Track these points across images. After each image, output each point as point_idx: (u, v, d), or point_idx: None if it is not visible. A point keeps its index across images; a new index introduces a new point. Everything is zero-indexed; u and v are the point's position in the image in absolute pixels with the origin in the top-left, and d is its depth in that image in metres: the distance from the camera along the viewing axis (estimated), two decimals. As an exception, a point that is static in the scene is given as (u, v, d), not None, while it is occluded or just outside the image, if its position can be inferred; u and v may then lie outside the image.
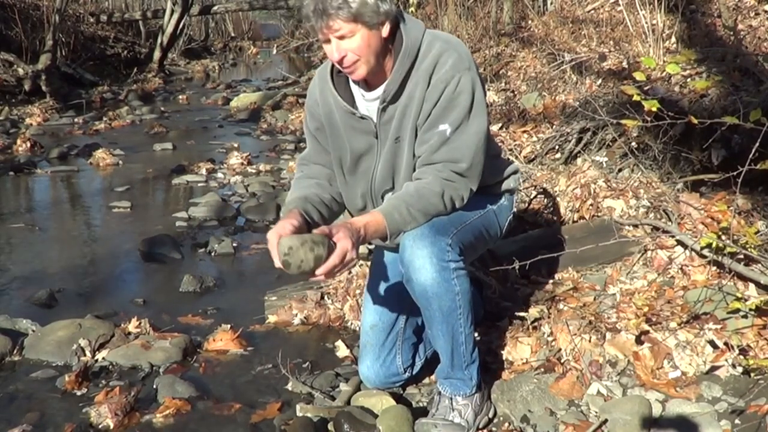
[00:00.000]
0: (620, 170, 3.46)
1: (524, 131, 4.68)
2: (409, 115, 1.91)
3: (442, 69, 1.87)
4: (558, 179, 3.41)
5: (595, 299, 2.57)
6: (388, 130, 1.95)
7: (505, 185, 2.17)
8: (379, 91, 1.93)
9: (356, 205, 2.12)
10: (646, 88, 3.51)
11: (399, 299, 2.19)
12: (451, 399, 2.02)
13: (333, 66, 1.98)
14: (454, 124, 1.87)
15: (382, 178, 2.02)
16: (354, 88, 2.01)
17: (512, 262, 2.29)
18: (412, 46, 1.88)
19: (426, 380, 2.34)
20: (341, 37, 1.80)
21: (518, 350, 2.36)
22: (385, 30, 1.83)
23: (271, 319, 2.91)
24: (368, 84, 1.96)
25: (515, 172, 2.20)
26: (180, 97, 10.98)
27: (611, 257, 2.79)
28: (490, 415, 2.09)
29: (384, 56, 1.88)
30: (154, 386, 2.36)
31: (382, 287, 2.22)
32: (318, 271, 1.70)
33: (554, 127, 4.39)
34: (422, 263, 1.83)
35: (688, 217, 2.78)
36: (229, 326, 2.75)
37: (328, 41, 1.83)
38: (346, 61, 1.83)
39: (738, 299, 2.18)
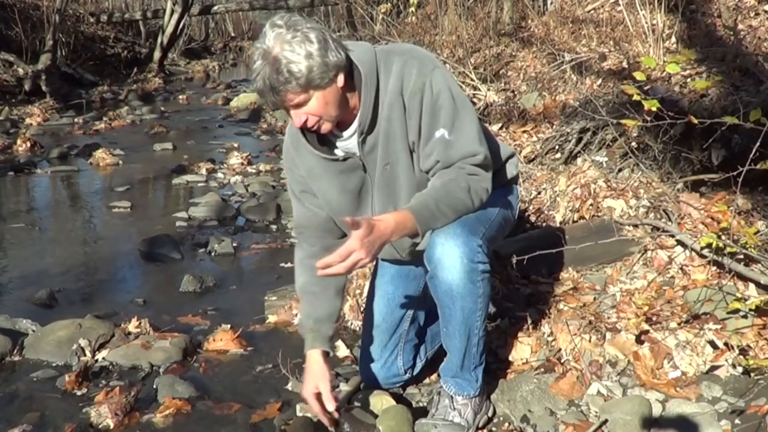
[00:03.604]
0: (620, 170, 3.45)
1: (524, 131, 4.68)
2: (394, 138, 1.86)
3: (410, 82, 1.82)
4: (558, 179, 3.41)
5: (595, 299, 2.57)
6: (374, 159, 1.90)
7: (508, 172, 2.15)
8: (353, 126, 1.88)
9: None
10: (646, 88, 3.51)
11: (405, 300, 2.19)
12: (452, 398, 2.02)
13: None
14: (447, 125, 1.84)
15: (382, 207, 1.96)
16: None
17: (512, 262, 2.29)
18: (369, 72, 1.82)
19: (426, 380, 2.34)
20: (297, 106, 1.75)
21: (518, 350, 2.36)
22: (340, 80, 1.76)
23: (271, 319, 2.91)
24: (339, 124, 1.89)
25: (512, 155, 2.17)
26: (180, 97, 11.00)
27: (611, 257, 2.79)
28: (489, 414, 2.09)
29: (346, 101, 1.82)
30: (154, 386, 2.36)
31: (388, 288, 2.20)
32: (318, 264, 1.71)
33: (554, 127, 4.38)
34: (452, 262, 1.81)
35: (688, 217, 2.78)
36: (229, 326, 2.75)
37: (287, 110, 1.79)
38: (309, 124, 1.79)
39: (738, 299, 2.18)
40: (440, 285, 1.86)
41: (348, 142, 1.91)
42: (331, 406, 1.92)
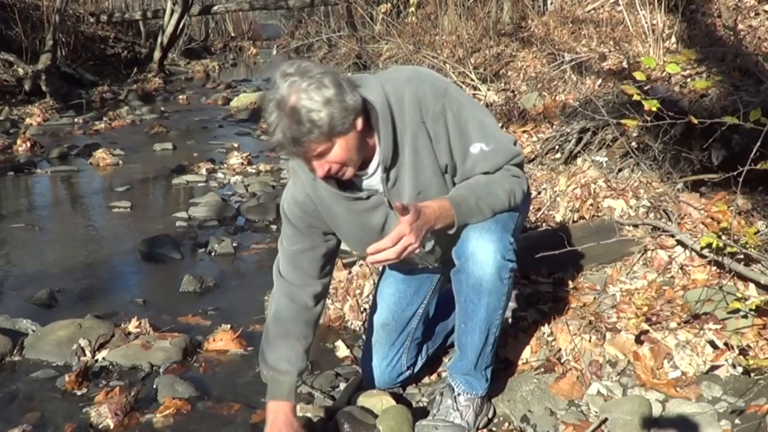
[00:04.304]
0: (620, 170, 3.46)
1: (524, 131, 4.68)
2: (423, 167, 1.83)
3: (429, 106, 1.79)
4: (558, 179, 3.41)
5: (595, 299, 2.57)
6: (400, 192, 1.85)
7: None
8: (374, 163, 1.82)
9: None
10: (646, 88, 3.51)
11: (416, 298, 2.19)
12: (456, 398, 2.01)
13: None
14: (479, 137, 1.82)
15: None
16: None
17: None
18: (382, 107, 1.76)
19: (426, 380, 2.34)
20: (320, 155, 1.68)
21: (518, 350, 2.36)
22: (359, 123, 1.69)
23: (271, 319, 2.90)
24: (360, 165, 1.83)
25: (515, 142, 2.18)
26: (180, 97, 10.99)
27: (611, 257, 2.79)
28: (490, 415, 2.09)
29: (365, 142, 1.77)
30: (154, 386, 2.36)
31: (400, 286, 2.19)
32: (369, 250, 1.67)
33: (554, 127, 4.39)
34: (486, 258, 1.80)
35: (688, 217, 2.78)
36: (229, 326, 2.75)
37: (308, 160, 1.72)
38: (333, 172, 1.73)
39: (738, 299, 2.18)
40: (468, 279, 1.85)
41: (371, 180, 1.86)
42: None
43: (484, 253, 1.80)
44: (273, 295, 2.03)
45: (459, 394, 2.02)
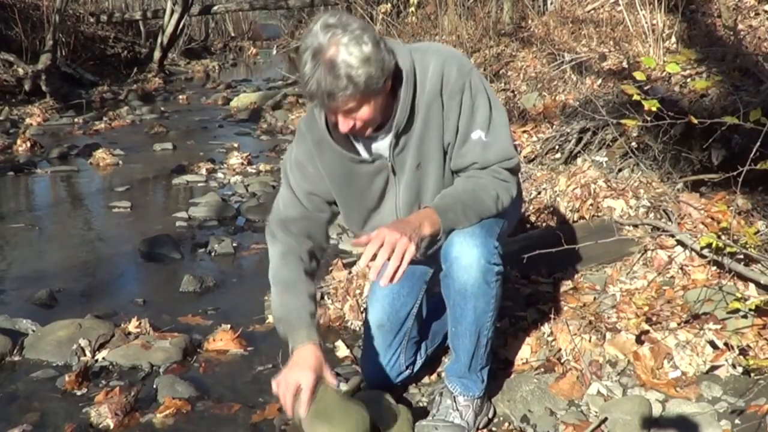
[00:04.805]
0: (620, 170, 3.46)
1: (524, 131, 4.68)
2: (430, 138, 1.83)
3: (450, 82, 1.80)
4: (558, 179, 3.41)
5: (595, 299, 2.57)
6: (404, 160, 1.86)
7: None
8: (387, 126, 1.83)
9: None
10: (646, 88, 3.50)
11: (410, 298, 2.18)
12: (455, 399, 2.01)
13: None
14: (484, 126, 1.83)
15: (407, 207, 1.92)
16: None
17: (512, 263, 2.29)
18: (408, 71, 1.76)
19: (426, 380, 2.34)
20: (349, 111, 1.67)
21: (518, 350, 2.36)
22: (388, 84, 1.71)
23: (271, 318, 2.90)
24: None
25: (516, 147, 2.17)
26: (180, 97, 10.99)
27: (611, 257, 2.79)
28: (490, 415, 2.09)
29: (388, 104, 1.77)
30: (154, 386, 2.36)
31: (394, 287, 2.16)
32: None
33: (554, 127, 4.39)
34: (470, 262, 1.80)
35: (688, 217, 2.78)
36: (229, 326, 2.75)
37: (334, 114, 1.71)
38: (356, 130, 1.73)
39: (738, 299, 2.18)
40: (454, 284, 1.85)
41: (379, 144, 1.86)
42: (303, 411, 1.68)
43: (468, 258, 1.80)
44: (270, 258, 1.99)
45: (457, 395, 2.02)
